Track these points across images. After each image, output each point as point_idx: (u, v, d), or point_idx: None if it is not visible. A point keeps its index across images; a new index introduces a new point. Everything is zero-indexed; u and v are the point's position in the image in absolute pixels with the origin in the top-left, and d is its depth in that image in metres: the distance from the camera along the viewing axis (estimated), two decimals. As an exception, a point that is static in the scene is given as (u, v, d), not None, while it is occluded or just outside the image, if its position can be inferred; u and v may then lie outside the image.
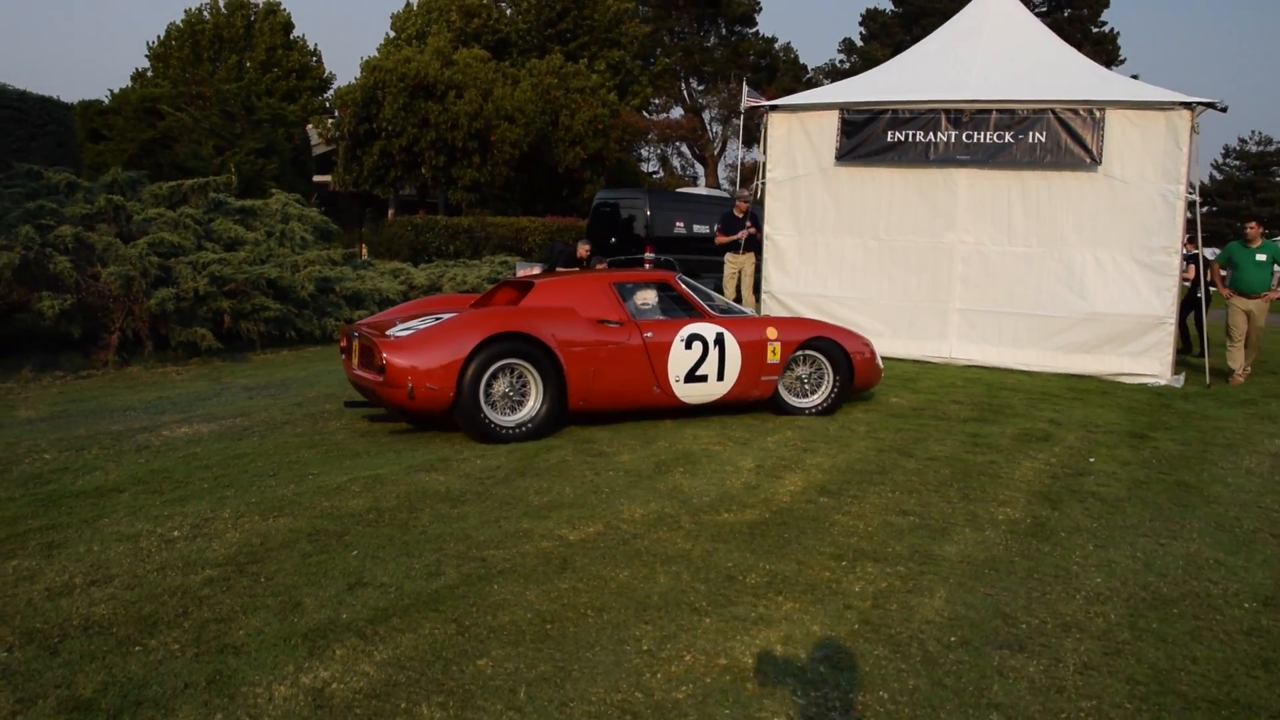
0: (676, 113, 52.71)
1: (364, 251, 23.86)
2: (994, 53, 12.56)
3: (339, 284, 13.32)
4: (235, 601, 3.92)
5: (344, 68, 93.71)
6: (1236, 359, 11.70)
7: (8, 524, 4.85)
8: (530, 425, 6.98)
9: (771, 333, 7.96)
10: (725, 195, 25.20)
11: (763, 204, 13.24)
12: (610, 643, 3.66)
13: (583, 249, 14.67)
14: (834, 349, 8.25)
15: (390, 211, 31.13)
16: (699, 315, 7.87)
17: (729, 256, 13.92)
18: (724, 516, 5.34)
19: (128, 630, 3.62)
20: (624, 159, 36.29)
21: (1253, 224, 11.81)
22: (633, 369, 7.40)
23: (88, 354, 10.19)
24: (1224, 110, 11.17)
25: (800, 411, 8.22)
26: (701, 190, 27.82)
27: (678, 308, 7.95)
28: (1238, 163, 59.28)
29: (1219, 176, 59.75)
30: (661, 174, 48.08)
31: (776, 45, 54.00)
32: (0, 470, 5.92)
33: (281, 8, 42.64)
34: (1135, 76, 46.67)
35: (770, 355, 7.91)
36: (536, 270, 13.22)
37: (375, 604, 3.93)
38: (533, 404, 7.03)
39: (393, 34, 41.27)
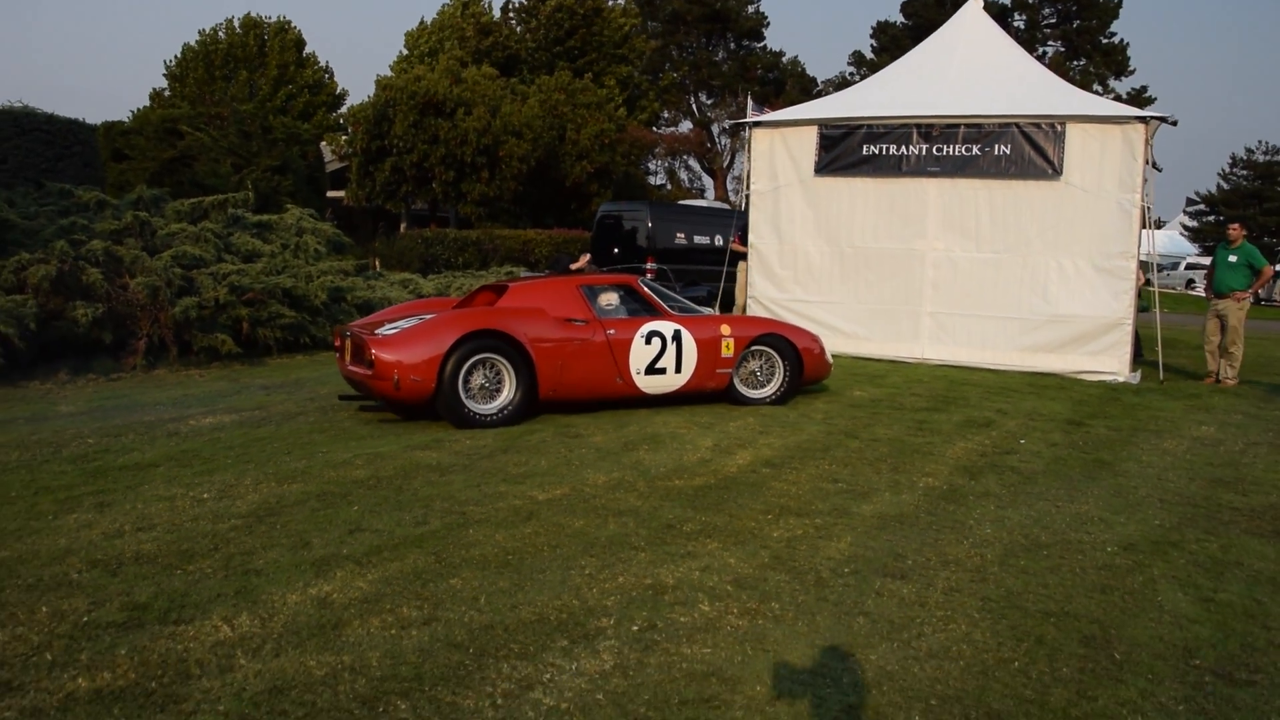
0: (685, 127, 53.71)
1: (376, 264, 24.76)
2: (965, 69, 13.35)
3: (350, 293, 14.19)
4: (256, 541, 4.77)
5: (361, 84, 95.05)
6: (1210, 363, 12.29)
7: (65, 489, 5.72)
8: (506, 412, 7.82)
9: (726, 329, 8.80)
10: (727, 208, 26.03)
11: (747, 214, 14.08)
12: (559, 569, 4.49)
13: (582, 260, 15.54)
14: (784, 344, 9.08)
15: (402, 225, 32.06)
16: (658, 314, 8.69)
17: (741, 264, 14.70)
18: (675, 483, 6.16)
19: (170, 560, 4.48)
20: (631, 172, 37.18)
21: (1234, 226, 12.33)
22: (597, 362, 8.24)
23: (118, 358, 11.05)
24: (1174, 124, 11.94)
25: (754, 402, 9.04)
26: (703, 203, 28.66)
27: (640, 307, 8.76)
28: (1245, 172, 59.69)
29: (1226, 186, 60.20)
30: (669, 187, 48.98)
31: (784, 59, 54.96)
32: (51, 451, 6.78)
33: (292, 25, 43.71)
34: (1144, 88, 47.60)
35: (724, 350, 8.74)
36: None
37: (370, 543, 4.78)
38: (507, 394, 7.88)
39: (406, 51, 42.33)
